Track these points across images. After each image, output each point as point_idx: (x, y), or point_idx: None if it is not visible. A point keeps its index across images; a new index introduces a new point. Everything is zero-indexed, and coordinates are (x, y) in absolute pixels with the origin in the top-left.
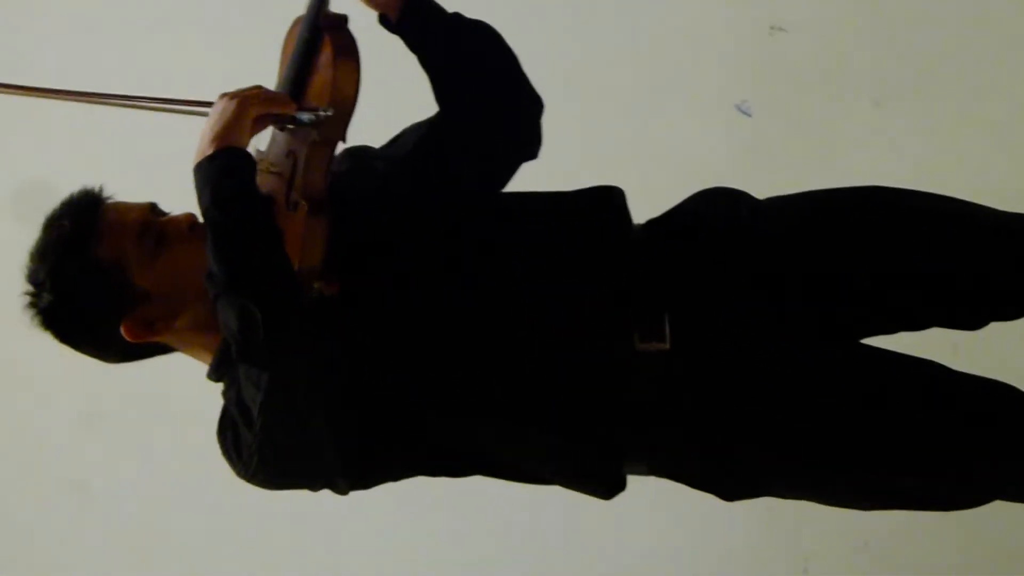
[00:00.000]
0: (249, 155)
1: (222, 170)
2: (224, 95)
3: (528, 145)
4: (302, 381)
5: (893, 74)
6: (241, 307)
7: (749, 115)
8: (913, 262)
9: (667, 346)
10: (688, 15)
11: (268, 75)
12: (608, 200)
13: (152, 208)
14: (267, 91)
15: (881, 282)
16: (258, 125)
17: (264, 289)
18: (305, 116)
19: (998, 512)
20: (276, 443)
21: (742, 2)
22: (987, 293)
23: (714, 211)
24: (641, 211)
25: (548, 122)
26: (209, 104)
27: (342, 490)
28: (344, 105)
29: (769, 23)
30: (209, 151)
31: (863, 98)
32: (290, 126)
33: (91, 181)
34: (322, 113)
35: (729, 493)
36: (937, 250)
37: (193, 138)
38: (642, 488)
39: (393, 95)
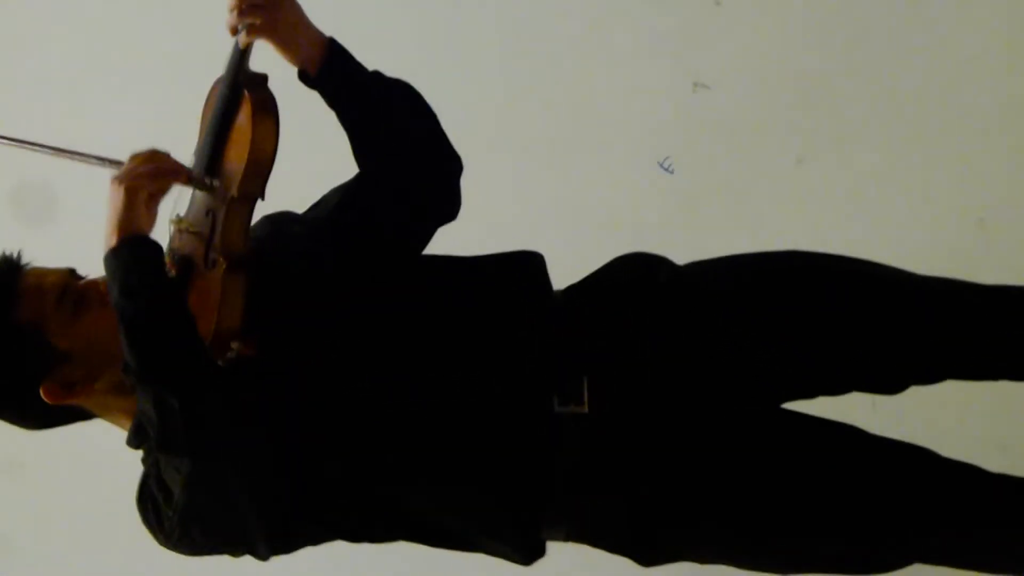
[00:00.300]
0: (152, 242)
1: (126, 262)
2: (113, 178)
3: (447, 205)
4: (224, 460)
5: (815, 132)
6: (156, 396)
7: (671, 172)
8: (831, 327)
9: (585, 409)
10: (611, 71)
11: (190, 132)
12: (528, 266)
13: (71, 272)
14: (156, 166)
15: (799, 347)
16: (153, 202)
17: (178, 378)
18: (207, 181)
19: None
20: (199, 518)
21: (665, 59)
22: (905, 358)
23: (633, 276)
24: (563, 267)
25: (469, 179)
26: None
27: (263, 556)
28: (262, 161)
29: (692, 80)
30: (112, 242)
31: (786, 155)
32: (201, 188)
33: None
34: (216, 183)
35: (646, 559)
36: (855, 315)
37: None
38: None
39: (316, 153)
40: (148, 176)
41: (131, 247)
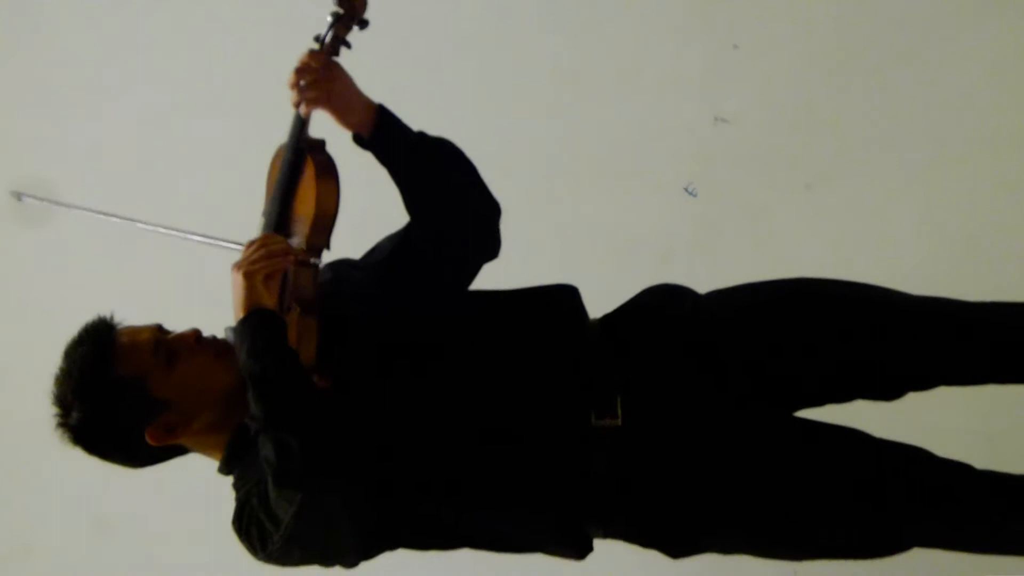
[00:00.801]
0: (272, 313)
1: (251, 329)
2: (234, 266)
3: (488, 246)
4: (331, 494)
5: (822, 160)
6: (277, 441)
7: (695, 196)
8: (836, 347)
9: (619, 422)
10: (641, 108)
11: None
12: (565, 299)
13: (160, 328)
14: (268, 250)
15: (809, 365)
16: (271, 281)
17: (299, 424)
18: (308, 263)
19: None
20: (302, 539)
21: (689, 96)
22: (903, 369)
23: (659, 306)
24: (599, 283)
25: (509, 213)
26: (237, 243)
27: (351, 565)
28: (326, 217)
29: (713, 115)
30: (240, 315)
31: (796, 181)
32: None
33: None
34: (314, 261)
35: (675, 552)
36: (857, 336)
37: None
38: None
39: (371, 206)
40: (262, 260)
41: (257, 316)
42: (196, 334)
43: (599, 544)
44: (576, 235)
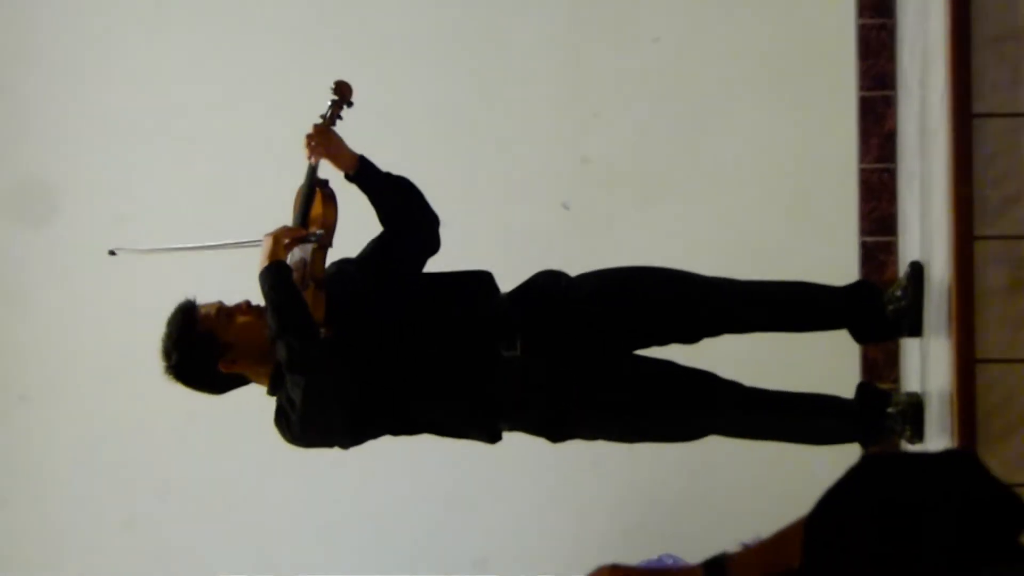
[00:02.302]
0: (287, 264)
1: (273, 272)
2: (267, 235)
3: (432, 245)
4: (326, 380)
5: (654, 187)
6: (287, 342)
7: (568, 209)
8: (657, 310)
9: (519, 353)
10: (533, 151)
11: (287, 209)
12: (484, 279)
13: (221, 303)
14: (289, 228)
15: (640, 322)
16: (289, 247)
17: (299, 329)
18: (312, 236)
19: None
20: (312, 420)
21: (564, 144)
22: (697, 321)
23: (545, 283)
24: (504, 266)
25: (453, 214)
26: (259, 241)
27: (345, 446)
28: (330, 227)
29: (581, 156)
30: (265, 264)
31: (637, 200)
32: (304, 244)
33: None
34: (319, 232)
35: (555, 438)
36: (671, 303)
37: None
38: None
39: (357, 220)
40: (286, 232)
41: (277, 265)
42: (248, 303)
43: (507, 435)
44: (490, 237)
